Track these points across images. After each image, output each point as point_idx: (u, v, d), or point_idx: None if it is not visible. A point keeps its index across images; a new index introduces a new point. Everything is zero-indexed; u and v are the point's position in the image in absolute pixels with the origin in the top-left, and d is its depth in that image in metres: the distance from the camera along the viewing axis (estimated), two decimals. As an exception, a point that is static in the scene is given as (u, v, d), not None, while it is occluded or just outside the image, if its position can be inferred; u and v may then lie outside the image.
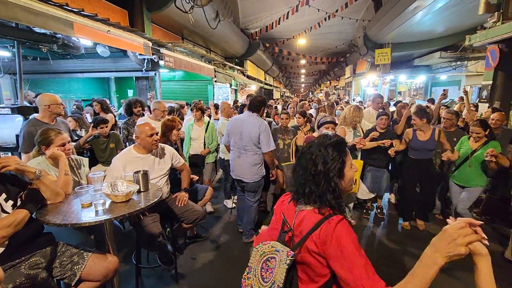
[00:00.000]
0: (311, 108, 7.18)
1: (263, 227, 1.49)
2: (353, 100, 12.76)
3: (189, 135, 4.12)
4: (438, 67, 12.14)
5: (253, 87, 15.88)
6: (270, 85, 23.57)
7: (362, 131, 4.02)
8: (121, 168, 2.33)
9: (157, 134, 2.47)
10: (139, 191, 2.10)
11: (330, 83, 27.39)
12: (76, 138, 3.97)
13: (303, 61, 18.58)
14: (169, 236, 2.98)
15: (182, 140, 4.17)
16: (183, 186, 2.80)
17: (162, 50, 5.94)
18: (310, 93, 40.93)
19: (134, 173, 2.14)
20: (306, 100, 10.57)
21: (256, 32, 13.32)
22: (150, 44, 5.41)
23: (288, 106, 5.96)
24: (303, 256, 1.09)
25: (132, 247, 3.04)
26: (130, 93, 9.86)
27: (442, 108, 4.90)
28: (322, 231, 1.03)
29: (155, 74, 6.81)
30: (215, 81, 9.52)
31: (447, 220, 0.86)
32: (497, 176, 3.58)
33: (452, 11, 7.02)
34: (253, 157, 3.13)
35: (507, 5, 4.87)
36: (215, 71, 9.27)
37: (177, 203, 2.67)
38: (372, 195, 3.92)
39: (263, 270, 1.11)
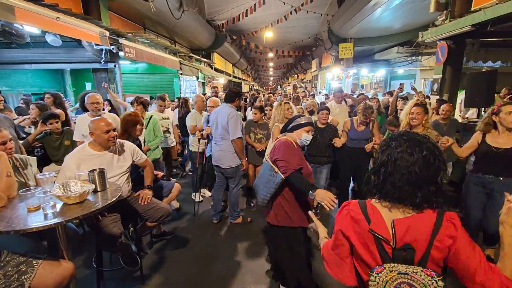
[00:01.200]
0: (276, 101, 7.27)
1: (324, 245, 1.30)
2: (319, 93, 13.12)
3: None
4: (396, 62, 12.89)
5: (221, 80, 15.63)
6: (239, 78, 23.39)
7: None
8: (74, 167, 2.17)
9: (114, 130, 2.33)
10: (95, 191, 1.98)
11: (298, 76, 27.90)
12: (24, 135, 3.62)
13: (270, 54, 18.65)
14: (132, 236, 2.86)
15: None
16: (146, 184, 2.69)
17: (122, 41, 5.58)
18: (279, 86, 41.37)
19: (89, 172, 2.01)
20: (273, 93, 10.66)
21: (222, 24, 13.05)
22: (108, 33, 5.06)
23: (256, 100, 5.96)
24: (429, 267, 0.96)
25: (93, 250, 2.87)
26: (88, 86, 9.17)
27: (399, 101, 5.23)
28: (444, 232, 0.95)
29: (115, 66, 6.40)
30: (181, 74, 9.21)
31: (505, 194, 1.01)
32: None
33: (407, 8, 7.44)
34: (227, 145, 3.39)
35: (454, 4, 5.27)
36: (180, 63, 8.96)
37: (140, 202, 2.56)
38: None
39: None
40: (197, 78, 11.08)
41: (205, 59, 13.16)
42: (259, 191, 2.21)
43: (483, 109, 5.38)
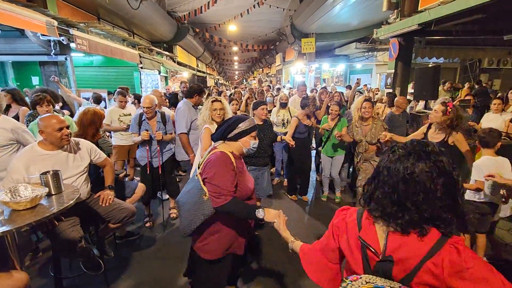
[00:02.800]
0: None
1: (299, 243, 1.29)
2: (283, 87, 13.38)
3: None
4: (354, 57, 13.58)
5: (185, 74, 15.19)
6: (203, 72, 22.90)
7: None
8: (23, 170, 1.99)
9: (68, 127, 2.17)
10: (49, 194, 1.84)
11: (263, 70, 28.10)
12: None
13: (235, 48, 18.51)
14: (94, 239, 2.72)
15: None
16: (107, 184, 2.56)
17: (73, 31, 5.16)
18: (244, 80, 41.32)
19: (41, 174, 1.86)
20: (239, 87, 10.63)
21: (184, 15, 12.61)
22: (56, 23, 4.63)
23: (221, 94, 5.92)
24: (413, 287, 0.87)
25: (50, 257, 2.68)
26: (35, 80, 8.34)
27: (357, 94, 5.54)
28: (447, 259, 0.81)
29: (66, 58, 5.90)
30: (141, 68, 8.77)
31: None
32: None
33: (363, 6, 7.86)
34: (178, 138, 3.49)
35: (403, 4, 5.69)
36: (140, 56, 8.54)
37: (100, 203, 2.43)
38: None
39: None
40: (159, 72, 10.63)
41: (167, 52, 12.65)
42: (182, 214, 1.75)
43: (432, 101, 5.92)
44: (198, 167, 1.76)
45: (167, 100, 5.50)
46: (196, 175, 1.73)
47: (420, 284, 0.85)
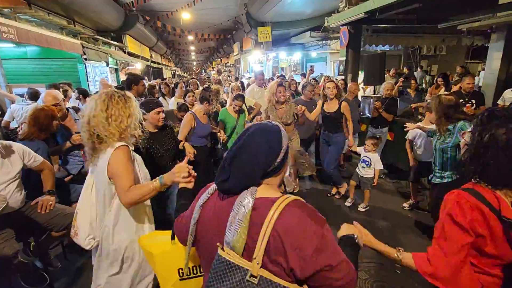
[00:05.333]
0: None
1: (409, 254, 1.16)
2: (243, 76, 13.29)
3: None
4: (310, 45, 13.90)
5: (138, 66, 14.29)
6: (158, 63, 21.79)
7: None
8: None
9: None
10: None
11: (221, 60, 27.58)
12: None
13: (190, 37, 17.83)
14: (37, 251, 2.46)
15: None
16: (46, 189, 2.31)
17: (-5, 18, 4.51)
18: (203, 71, 40.26)
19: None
20: (195, 78, 10.31)
21: (132, 2, 11.73)
22: (-29, 8, 4.00)
23: (177, 86, 5.65)
24: None
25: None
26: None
27: (311, 81, 5.70)
28: None
29: (-10, 49, 5.17)
30: (85, 59, 8.02)
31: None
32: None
33: (315, -6, 8.02)
34: None
35: (351, -7, 5.91)
36: (83, 46, 7.80)
37: (39, 210, 2.19)
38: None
39: None
40: (107, 64, 9.84)
41: (115, 42, 11.75)
42: None
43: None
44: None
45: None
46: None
47: None
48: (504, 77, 5.68)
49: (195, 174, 1.37)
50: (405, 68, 7.85)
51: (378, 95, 5.06)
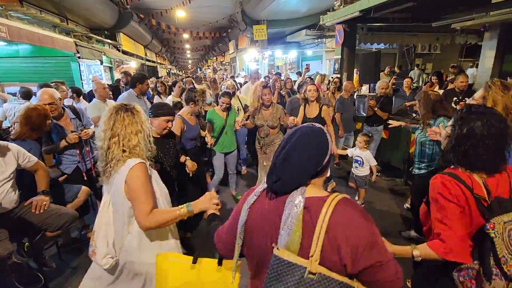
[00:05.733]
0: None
1: (422, 246, 1.27)
2: (238, 74, 13.26)
3: None
4: (305, 43, 13.92)
5: (132, 64, 14.16)
6: (153, 62, 21.63)
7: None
8: None
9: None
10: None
11: (217, 58, 27.46)
12: None
13: (186, 36, 17.70)
14: (31, 252, 2.44)
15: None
16: (40, 189, 2.29)
17: (-15, 15, 4.43)
18: (198, 69, 40.08)
19: None
20: (191, 77, 10.26)
21: (126, 0, 11.62)
22: (-40, 5, 3.92)
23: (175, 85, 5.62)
24: None
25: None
26: None
27: (307, 80, 5.70)
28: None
29: (-20, 48, 5.08)
30: (79, 57, 7.93)
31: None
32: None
33: (311, -7, 8.02)
34: None
35: (346, -9, 5.91)
36: (77, 44, 7.70)
37: (33, 210, 2.17)
38: None
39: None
40: (101, 62, 9.73)
41: (109, 40, 11.64)
42: None
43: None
44: None
45: (111, 93, 5.08)
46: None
47: None
48: (497, 75, 5.75)
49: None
50: (393, 67, 7.92)
51: (373, 94, 5.09)
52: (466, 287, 1.18)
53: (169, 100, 4.89)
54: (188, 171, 2.54)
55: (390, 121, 3.34)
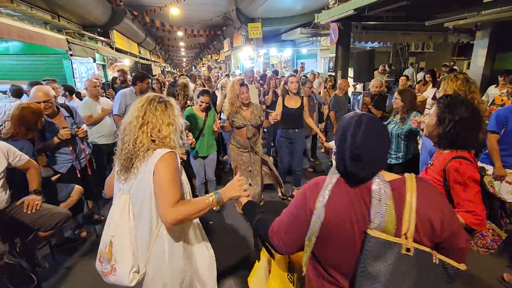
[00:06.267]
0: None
1: None
2: (233, 73, 13.20)
3: None
4: (300, 42, 13.93)
5: (126, 62, 14.01)
6: (147, 60, 21.42)
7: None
8: None
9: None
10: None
11: (212, 56, 27.31)
12: None
13: (180, 33, 17.55)
14: (23, 252, 2.41)
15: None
16: (32, 188, 2.26)
17: (-26, 12, 4.33)
18: (193, 67, 39.83)
19: None
20: (185, 74, 10.18)
21: (119, -4, 11.46)
22: None
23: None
24: None
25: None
26: None
27: (303, 78, 5.71)
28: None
29: (-31, 45, 4.97)
30: (71, 55, 7.81)
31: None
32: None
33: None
34: None
35: (341, -11, 5.93)
36: (69, 42, 7.58)
37: (25, 210, 2.14)
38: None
39: None
40: (94, 60, 9.61)
41: (102, 38, 11.46)
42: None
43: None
44: None
45: (103, 91, 5.01)
46: None
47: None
48: (488, 74, 5.83)
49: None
50: (385, 65, 8.01)
51: (367, 91, 5.12)
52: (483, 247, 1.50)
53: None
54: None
55: None
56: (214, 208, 1.30)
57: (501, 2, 4.09)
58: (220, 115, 4.56)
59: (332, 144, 3.70)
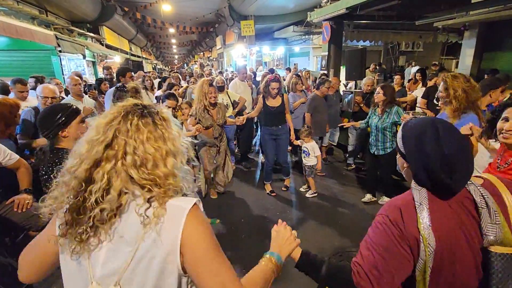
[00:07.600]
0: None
1: None
2: (226, 70, 13.15)
3: None
4: (293, 40, 13.95)
5: (116, 59, 13.79)
6: (139, 56, 21.13)
7: None
8: None
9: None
10: None
11: (204, 54, 27.12)
12: None
13: (171, 30, 17.36)
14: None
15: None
16: (23, 187, 2.22)
17: (-42, 6, 4.20)
18: (185, 64, 39.47)
19: None
20: (177, 72, 10.10)
21: (109, -8, 11.26)
22: None
23: (166, 80, 5.51)
24: None
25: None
26: None
27: (294, 77, 5.75)
28: None
29: (-47, 40, 4.81)
30: (60, 51, 7.64)
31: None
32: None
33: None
34: None
35: (332, -13, 5.96)
36: (57, 38, 7.41)
37: (15, 209, 2.10)
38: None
39: None
40: (84, 57, 9.43)
41: (92, 34, 11.26)
42: None
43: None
44: None
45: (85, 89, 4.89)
46: None
47: None
48: (476, 73, 5.97)
49: None
50: (372, 64, 8.10)
51: (359, 90, 5.18)
52: None
53: (158, 95, 4.81)
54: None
55: (344, 123, 3.85)
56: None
57: (488, 2, 4.19)
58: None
59: (299, 142, 3.84)
